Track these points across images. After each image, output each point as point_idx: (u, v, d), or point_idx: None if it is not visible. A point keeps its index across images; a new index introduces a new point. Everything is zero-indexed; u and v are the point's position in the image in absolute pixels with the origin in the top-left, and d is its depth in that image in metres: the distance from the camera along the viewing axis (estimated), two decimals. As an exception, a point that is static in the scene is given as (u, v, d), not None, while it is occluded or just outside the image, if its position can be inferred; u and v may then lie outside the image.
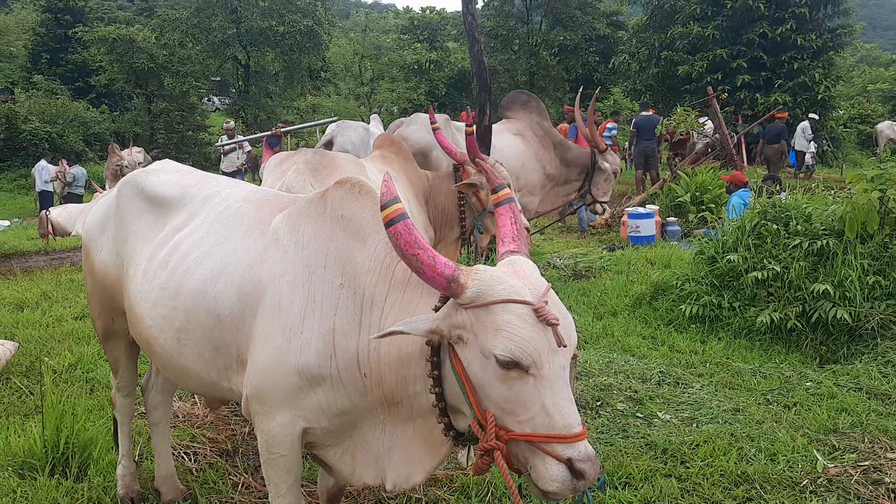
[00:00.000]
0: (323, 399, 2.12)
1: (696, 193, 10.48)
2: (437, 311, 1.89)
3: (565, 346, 1.77)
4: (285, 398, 2.15)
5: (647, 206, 10.29)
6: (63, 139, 25.22)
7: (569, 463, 1.72)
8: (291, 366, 2.11)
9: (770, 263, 5.38)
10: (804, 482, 3.24)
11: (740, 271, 5.60)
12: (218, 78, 37.13)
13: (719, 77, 21.33)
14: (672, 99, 22.60)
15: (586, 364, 4.68)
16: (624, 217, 9.98)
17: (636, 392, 4.29)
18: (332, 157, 4.14)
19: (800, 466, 3.38)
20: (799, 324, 5.10)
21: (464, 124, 6.17)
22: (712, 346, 5.21)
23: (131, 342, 2.95)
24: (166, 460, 3.23)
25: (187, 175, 2.83)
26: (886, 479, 3.25)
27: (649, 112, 14.10)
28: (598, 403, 4.14)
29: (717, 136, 12.87)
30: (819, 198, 5.96)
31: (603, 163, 7.01)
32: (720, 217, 8.44)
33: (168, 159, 3.32)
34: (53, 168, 17.34)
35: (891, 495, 3.15)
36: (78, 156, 24.22)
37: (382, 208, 1.83)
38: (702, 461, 3.43)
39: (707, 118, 13.98)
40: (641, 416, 3.99)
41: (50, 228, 11.79)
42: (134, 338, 2.76)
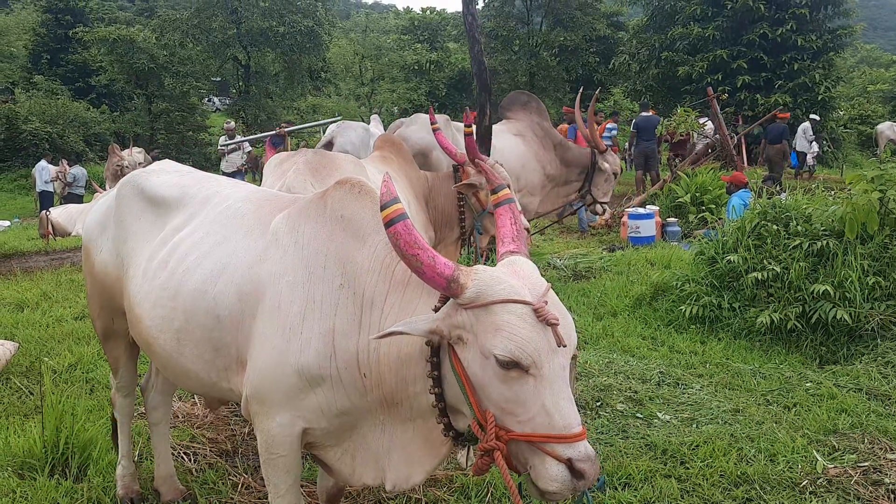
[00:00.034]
0: (322, 399, 2.12)
1: (697, 194, 10.48)
2: (437, 312, 1.89)
3: (565, 346, 1.77)
4: (285, 398, 2.15)
5: (648, 207, 10.29)
6: (63, 139, 25.24)
7: (569, 463, 1.71)
8: (291, 366, 2.11)
9: (770, 264, 5.38)
10: (804, 483, 3.25)
11: (740, 272, 5.60)
12: (218, 78, 37.16)
13: (719, 78, 21.31)
14: (672, 99, 22.57)
15: (586, 364, 4.68)
16: (624, 218, 9.98)
17: (636, 392, 4.29)
18: (332, 158, 4.14)
19: (800, 467, 3.38)
20: (799, 324, 5.10)
21: (464, 124, 6.16)
22: (712, 347, 5.21)
23: (131, 342, 2.95)
24: (166, 460, 3.23)
25: (187, 175, 2.84)
26: (886, 480, 3.25)
27: (649, 113, 14.10)
28: (598, 404, 4.14)
29: (718, 137, 12.88)
30: (819, 198, 5.96)
31: (603, 163, 7.02)
32: (720, 218, 8.44)
33: (168, 159, 3.32)
34: (54, 168, 17.34)
35: (890, 496, 3.15)
36: (78, 156, 24.24)
37: (382, 208, 1.83)
38: (701, 462, 3.43)
39: (707, 119, 13.98)
40: (641, 417, 3.99)
41: (50, 229, 11.80)
42: (134, 338, 2.76)
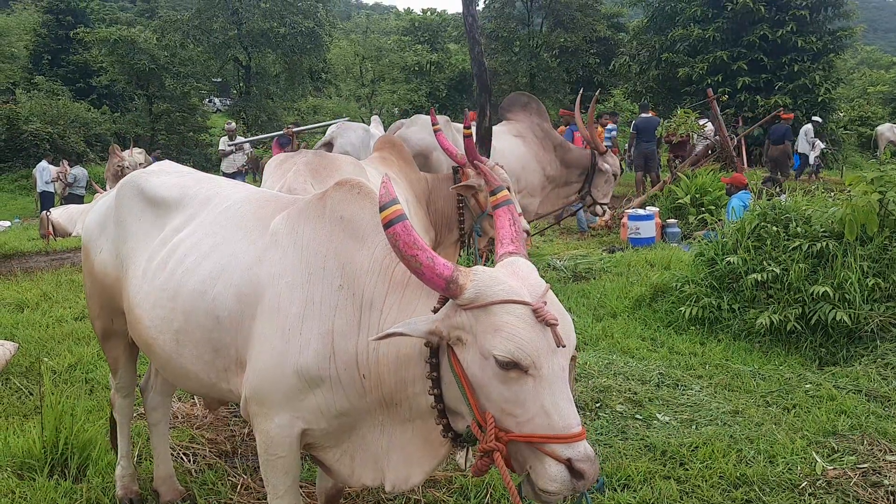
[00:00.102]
0: (322, 400, 2.12)
1: (696, 195, 10.48)
2: (436, 313, 1.89)
3: (564, 347, 1.77)
4: (284, 399, 2.15)
5: (647, 208, 10.29)
6: (64, 140, 25.25)
7: (568, 463, 1.71)
8: (290, 367, 2.11)
9: (770, 265, 5.38)
10: (803, 484, 3.24)
11: (740, 273, 5.60)
12: (219, 79, 37.15)
13: (720, 79, 21.32)
14: (672, 101, 22.57)
15: (585, 365, 4.68)
16: (624, 219, 9.99)
17: (635, 394, 4.29)
18: (332, 159, 4.15)
19: (799, 469, 3.38)
20: (798, 326, 5.10)
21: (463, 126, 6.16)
22: (712, 348, 5.21)
23: (130, 343, 2.95)
24: (165, 461, 3.23)
25: (187, 176, 2.84)
26: (885, 482, 3.25)
27: (649, 114, 14.09)
28: (598, 405, 4.14)
29: (718, 139, 12.88)
30: (819, 200, 5.96)
31: (603, 164, 7.02)
32: (720, 219, 8.44)
33: (168, 160, 3.32)
34: (54, 169, 17.35)
35: (890, 498, 3.15)
36: (79, 156, 24.29)
37: (381, 210, 1.83)
38: (701, 463, 3.43)
39: (707, 120, 13.98)
40: (640, 418, 3.99)
41: (51, 229, 11.81)
42: (133, 339, 2.76)
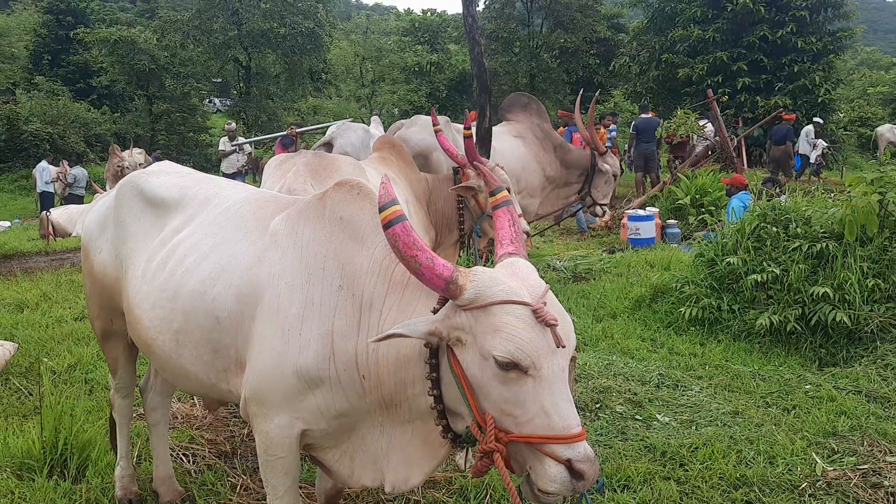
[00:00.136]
0: (321, 401, 2.12)
1: (696, 196, 10.48)
2: (436, 313, 1.89)
3: (564, 347, 1.77)
4: (284, 400, 2.15)
5: (647, 209, 10.29)
6: (64, 140, 25.24)
7: (568, 464, 1.71)
8: (290, 367, 2.11)
9: (769, 266, 5.38)
10: (803, 485, 3.24)
11: (740, 274, 5.60)
12: (219, 79, 37.17)
13: (720, 80, 21.33)
14: (672, 101, 22.57)
15: (585, 366, 4.67)
16: (624, 219, 9.99)
17: (635, 394, 4.28)
18: (332, 159, 4.15)
19: (799, 469, 3.37)
20: (798, 326, 5.10)
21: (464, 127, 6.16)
22: (711, 349, 5.20)
23: (130, 343, 2.95)
24: (164, 462, 3.23)
25: (186, 176, 2.84)
26: (885, 483, 3.24)
27: (649, 114, 14.09)
28: (598, 406, 4.14)
29: (718, 139, 12.88)
30: (819, 200, 5.96)
31: (603, 165, 7.02)
32: (720, 220, 8.44)
33: (167, 160, 3.32)
34: (54, 169, 17.35)
35: (890, 499, 3.15)
36: (79, 157, 24.28)
37: (380, 210, 1.83)
38: (701, 464, 3.43)
39: (707, 121, 13.99)
40: (640, 419, 3.99)
41: (50, 229, 11.80)
42: (133, 339, 2.76)
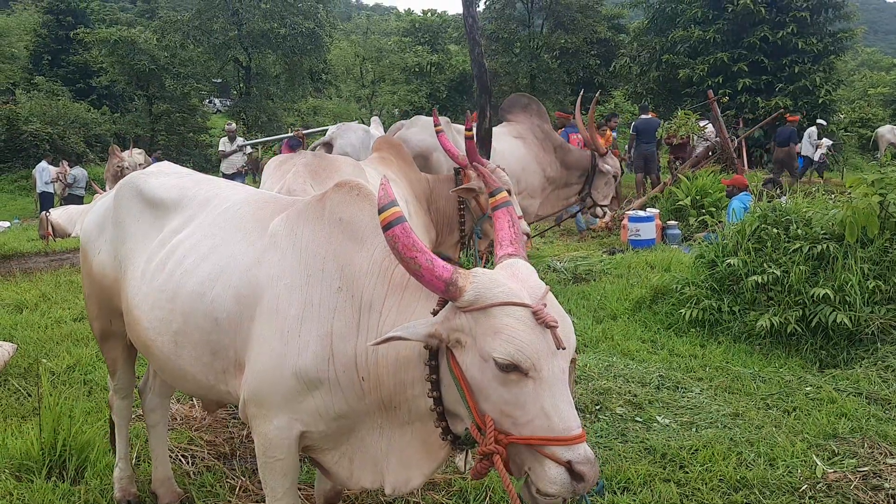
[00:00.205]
0: (320, 402, 2.12)
1: (697, 197, 10.47)
2: (436, 315, 1.88)
3: (564, 349, 1.76)
4: (283, 401, 2.14)
5: (648, 210, 10.28)
6: (64, 140, 25.24)
7: (568, 465, 1.71)
8: (289, 369, 2.10)
9: (770, 267, 5.37)
10: (803, 487, 3.23)
11: (740, 275, 5.59)
12: (219, 80, 37.19)
13: (720, 80, 21.31)
14: (673, 102, 22.56)
15: (585, 368, 4.67)
16: (624, 220, 9.98)
17: (635, 396, 4.28)
18: (332, 160, 4.14)
19: (799, 472, 3.37)
20: (799, 328, 5.09)
21: (464, 126, 6.15)
22: (712, 351, 5.20)
23: (129, 344, 2.94)
24: (163, 463, 3.22)
25: (186, 177, 2.83)
26: (886, 485, 3.24)
27: (649, 115, 14.09)
28: (598, 407, 4.13)
29: (718, 140, 12.88)
30: (819, 202, 5.95)
31: (604, 165, 7.01)
32: (720, 221, 8.43)
33: (167, 161, 3.32)
34: (54, 169, 17.34)
35: (890, 501, 3.14)
36: (79, 157, 24.28)
37: (380, 212, 1.82)
38: (701, 466, 3.42)
39: (708, 122, 13.98)
40: (640, 421, 3.98)
41: (50, 230, 11.80)
42: (132, 340, 2.75)
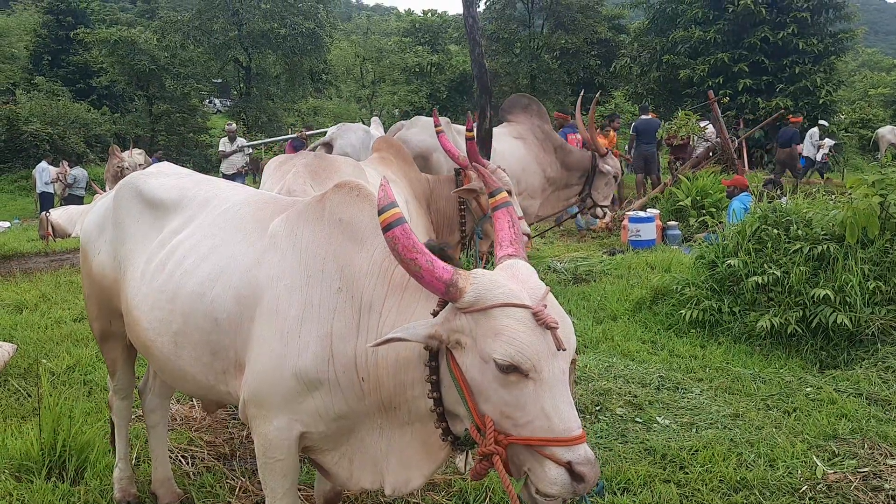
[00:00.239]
0: (320, 403, 2.11)
1: (697, 197, 10.47)
2: (436, 316, 1.88)
3: (564, 350, 1.76)
4: (283, 402, 2.14)
5: (648, 210, 10.28)
6: (64, 140, 25.24)
7: (568, 466, 1.71)
8: (289, 370, 2.10)
9: (770, 268, 5.37)
10: (804, 488, 3.23)
11: (740, 276, 5.59)
12: (219, 80, 37.21)
13: (721, 81, 21.34)
14: (673, 103, 22.58)
15: (585, 368, 4.66)
16: (624, 221, 9.98)
17: (635, 397, 4.27)
18: (332, 161, 4.13)
19: (799, 472, 3.36)
20: (799, 329, 5.09)
21: (465, 127, 6.15)
22: (712, 351, 5.20)
23: (129, 345, 2.94)
24: (163, 463, 3.22)
25: (185, 178, 2.83)
26: (886, 486, 3.23)
27: (649, 116, 14.09)
28: (598, 408, 4.13)
29: (719, 140, 12.88)
30: (820, 202, 5.95)
31: (604, 166, 7.01)
32: (721, 221, 8.43)
33: (167, 162, 3.32)
34: (54, 169, 17.34)
35: (891, 502, 3.14)
36: (79, 157, 24.28)
37: (380, 213, 1.82)
38: (701, 467, 3.42)
39: (708, 122, 13.98)
40: (640, 421, 3.98)
41: (50, 230, 11.80)
42: (131, 340, 2.75)
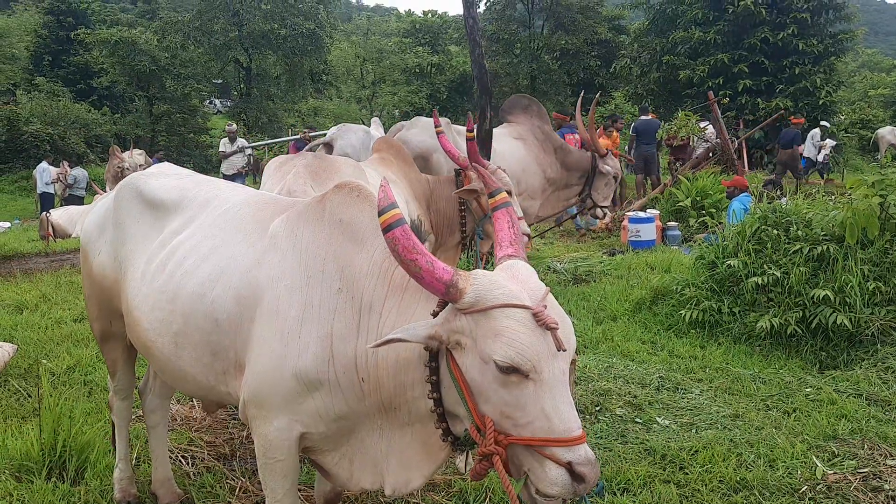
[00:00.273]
0: (320, 404, 2.12)
1: (697, 198, 10.48)
2: (436, 317, 1.88)
3: (565, 351, 1.76)
4: (283, 403, 2.14)
5: (648, 211, 10.29)
6: (64, 141, 25.24)
7: (569, 466, 1.71)
8: (289, 370, 2.10)
9: (770, 269, 5.38)
10: (803, 489, 3.23)
11: (740, 276, 5.59)
12: (220, 80, 37.20)
13: (721, 82, 21.35)
14: (673, 103, 22.57)
15: (585, 369, 4.66)
16: (624, 221, 9.98)
17: (635, 397, 4.28)
18: (332, 161, 4.14)
19: (799, 473, 3.37)
20: (799, 329, 5.09)
21: (465, 128, 6.15)
22: (712, 352, 5.20)
23: (129, 345, 2.94)
24: (163, 464, 3.22)
25: (186, 178, 2.83)
26: (886, 486, 3.24)
27: (649, 116, 14.09)
28: (597, 408, 4.13)
29: (718, 141, 12.88)
30: (819, 203, 5.95)
31: (604, 166, 7.01)
32: (721, 222, 8.43)
33: (167, 162, 3.32)
34: (54, 170, 17.35)
35: (890, 502, 3.14)
36: (79, 157, 24.28)
37: (380, 214, 1.82)
38: (701, 467, 3.42)
39: (708, 123, 13.99)
40: (640, 422, 3.98)
41: (50, 230, 11.80)
42: (132, 341, 2.75)
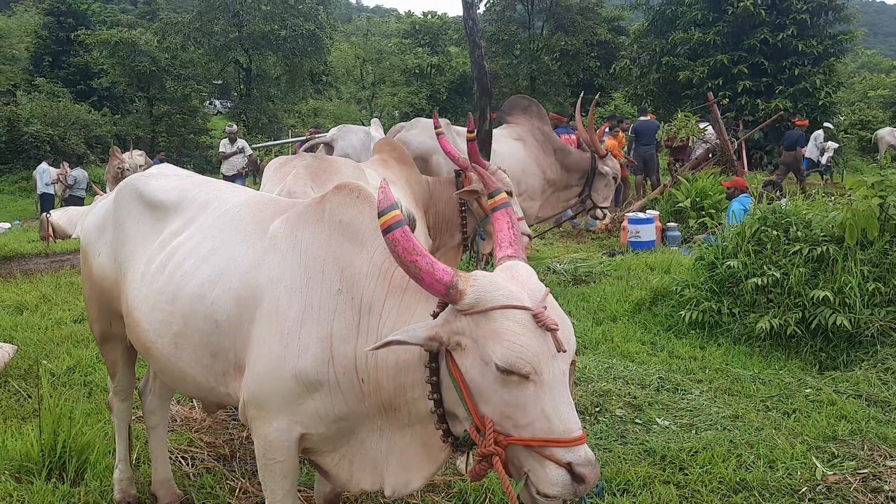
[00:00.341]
0: (320, 405, 2.12)
1: (697, 199, 10.48)
2: (436, 318, 1.88)
3: (565, 352, 1.77)
4: (282, 404, 2.14)
5: (648, 212, 10.29)
6: (65, 142, 25.22)
7: (569, 467, 1.71)
8: (289, 371, 2.10)
9: (770, 269, 5.38)
10: (803, 489, 3.23)
11: (740, 277, 5.60)
12: (220, 81, 37.22)
13: (720, 83, 21.37)
14: (673, 104, 22.59)
15: (585, 369, 4.67)
16: (624, 222, 9.99)
17: (635, 398, 4.28)
18: (332, 162, 4.14)
19: (799, 474, 3.37)
20: (798, 330, 5.10)
21: (465, 129, 6.15)
22: (711, 352, 5.20)
23: (129, 346, 2.94)
24: (163, 464, 3.23)
25: (185, 179, 2.84)
26: (886, 487, 3.24)
27: (648, 117, 14.10)
28: (597, 409, 4.13)
29: (718, 142, 12.89)
30: (819, 204, 5.96)
31: (603, 167, 7.02)
32: (720, 223, 8.44)
33: (167, 163, 3.32)
34: (55, 170, 17.34)
35: (890, 503, 3.14)
36: (79, 158, 24.27)
37: (380, 215, 1.82)
38: (700, 468, 3.42)
39: (708, 124, 14.00)
40: (640, 423, 3.98)
41: (50, 231, 11.80)
42: (131, 342, 2.76)
